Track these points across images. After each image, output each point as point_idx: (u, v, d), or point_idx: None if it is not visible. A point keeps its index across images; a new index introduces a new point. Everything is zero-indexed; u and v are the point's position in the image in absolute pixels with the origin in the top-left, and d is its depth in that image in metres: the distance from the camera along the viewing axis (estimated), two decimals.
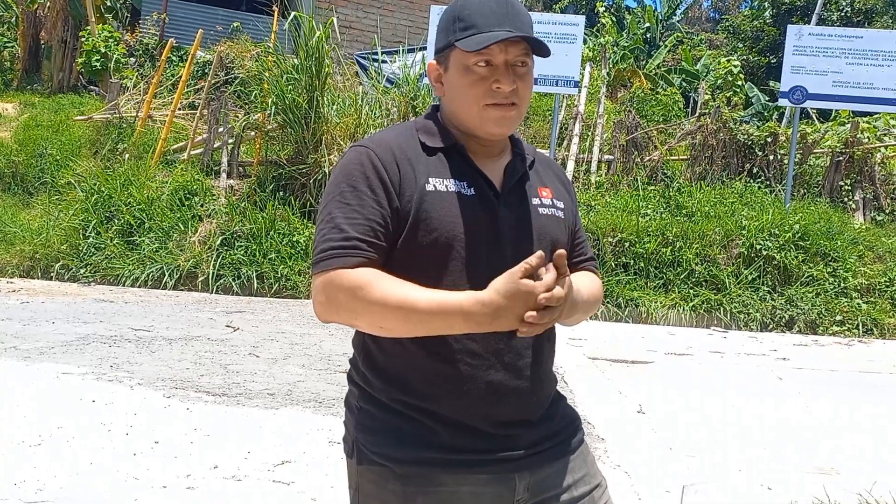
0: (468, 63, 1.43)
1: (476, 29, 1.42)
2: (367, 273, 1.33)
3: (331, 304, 1.34)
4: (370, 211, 1.38)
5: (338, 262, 1.34)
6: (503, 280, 1.25)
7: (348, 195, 1.39)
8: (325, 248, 1.36)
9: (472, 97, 1.44)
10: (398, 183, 1.41)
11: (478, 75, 1.43)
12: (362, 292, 1.31)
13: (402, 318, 1.30)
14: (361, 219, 1.37)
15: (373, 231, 1.37)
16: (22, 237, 9.33)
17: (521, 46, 1.44)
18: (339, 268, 1.33)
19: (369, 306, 1.31)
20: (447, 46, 1.46)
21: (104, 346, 5.62)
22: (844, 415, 5.01)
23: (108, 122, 11.38)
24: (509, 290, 1.24)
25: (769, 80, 23.02)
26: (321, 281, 1.35)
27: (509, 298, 1.24)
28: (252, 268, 8.73)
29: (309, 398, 4.58)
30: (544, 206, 1.54)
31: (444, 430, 1.41)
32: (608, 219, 9.14)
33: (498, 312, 1.25)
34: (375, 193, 1.39)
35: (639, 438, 4.29)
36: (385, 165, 1.41)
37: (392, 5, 16.54)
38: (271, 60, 10.53)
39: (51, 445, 3.59)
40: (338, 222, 1.37)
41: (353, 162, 1.43)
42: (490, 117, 1.44)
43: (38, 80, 15.77)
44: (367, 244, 1.36)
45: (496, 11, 1.43)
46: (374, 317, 1.32)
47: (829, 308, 8.29)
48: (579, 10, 29.22)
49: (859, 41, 10.06)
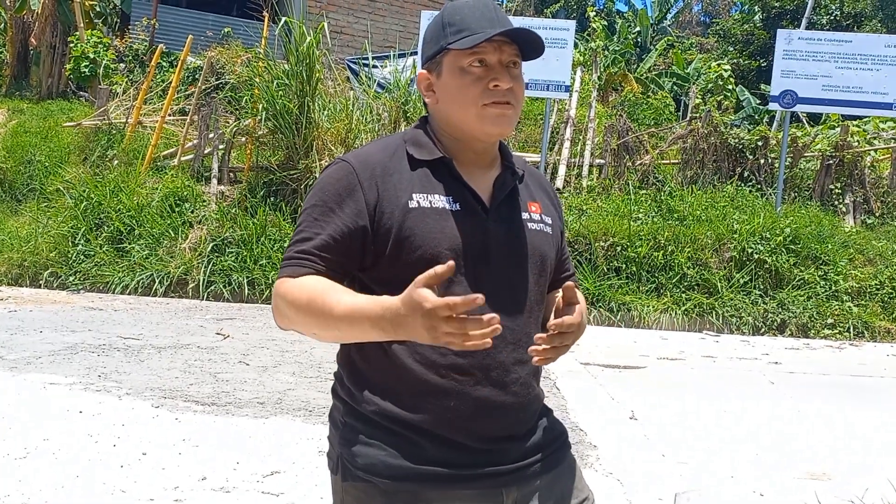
0: (463, 64, 1.43)
1: (469, 31, 1.42)
2: (305, 281, 1.35)
3: (275, 311, 1.40)
4: (332, 227, 1.39)
5: (286, 271, 1.38)
6: (408, 288, 1.18)
7: (317, 210, 1.42)
8: (284, 258, 1.41)
9: (470, 98, 1.43)
10: (374, 202, 1.40)
11: (474, 75, 1.43)
12: (293, 299, 1.34)
13: (323, 324, 1.31)
14: (323, 234, 1.39)
15: (326, 246, 1.38)
16: (10, 245, 9.26)
17: (513, 48, 1.45)
18: (286, 276, 1.38)
19: (298, 313, 1.34)
20: (439, 52, 1.46)
21: (92, 356, 5.57)
22: (836, 419, 5.00)
23: (97, 129, 11.31)
24: (405, 298, 1.18)
25: (760, 83, 23.12)
26: (274, 288, 1.40)
27: (406, 306, 1.18)
28: (243, 274, 8.69)
29: (299, 406, 4.54)
30: (533, 220, 1.53)
31: (430, 445, 1.40)
32: (600, 223, 9.14)
33: (397, 320, 1.19)
34: (343, 211, 1.40)
35: (631, 445, 4.27)
36: (362, 183, 1.41)
37: (383, 10, 16.53)
38: (262, 66, 10.49)
39: (36, 458, 3.55)
40: (302, 236, 1.41)
41: (332, 178, 1.44)
42: (489, 116, 1.43)
43: (26, 86, 15.68)
44: (316, 256, 1.38)
45: (487, 15, 1.44)
46: (302, 323, 1.35)
47: (820, 311, 8.30)
48: (570, 15, 29.30)
49: (849, 45, 10.10)
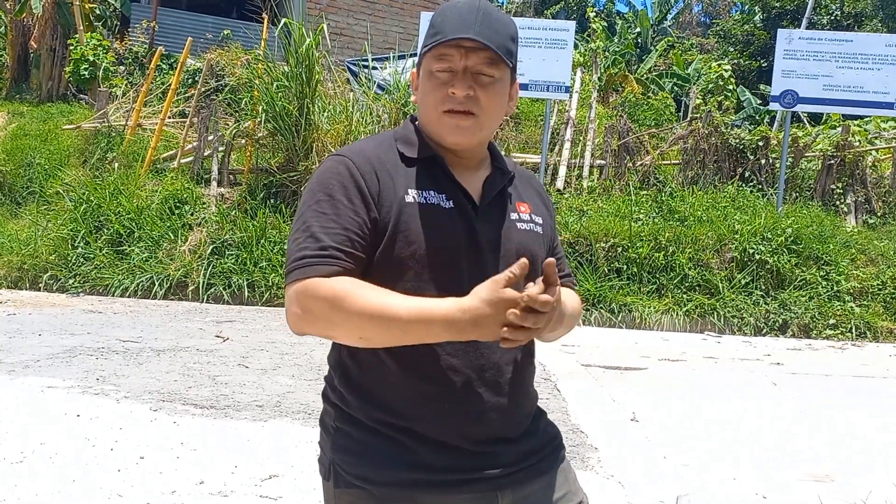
0: (432, 68, 1.41)
1: (441, 35, 1.39)
2: (345, 282, 1.28)
3: (306, 315, 1.29)
4: (347, 220, 1.34)
5: (312, 270, 1.29)
6: (486, 287, 1.21)
7: (325, 204, 1.35)
8: (300, 256, 1.31)
9: (432, 103, 1.41)
10: (377, 193, 1.37)
11: (438, 81, 1.40)
12: (340, 302, 1.25)
13: (384, 327, 1.25)
14: (338, 228, 1.33)
15: (349, 241, 1.33)
16: (10, 248, 9.25)
17: (484, 54, 1.39)
18: (315, 276, 1.28)
19: (348, 316, 1.25)
20: (422, 54, 1.45)
21: (91, 359, 5.55)
22: (839, 420, 4.97)
23: (96, 131, 11.31)
24: (492, 298, 1.20)
25: (760, 83, 23.09)
26: (295, 290, 1.29)
27: (492, 306, 1.20)
28: (243, 276, 8.67)
29: (298, 409, 4.51)
30: (522, 220, 1.51)
31: (423, 449, 1.37)
32: (600, 224, 9.11)
33: (479, 320, 1.21)
34: (353, 203, 1.35)
35: (632, 447, 4.24)
36: (363, 175, 1.38)
37: (383, 12, 16.53)
38: (261, 68, 10.47)
39: (33, 462, 3.52)
40: (313, 231, 1.33)
41: (331, 171, 1.40)
42: (445, 124, 1.41)
43: (27, 89, 15.69)
44: (343, 254, 1.31)
45: (465, 19, 1.39)
46: (352, 327, 1.27)
47: (822, 312, 8.27)
48: (570, 16, 29.30)
49: (849, 45, 10.08)
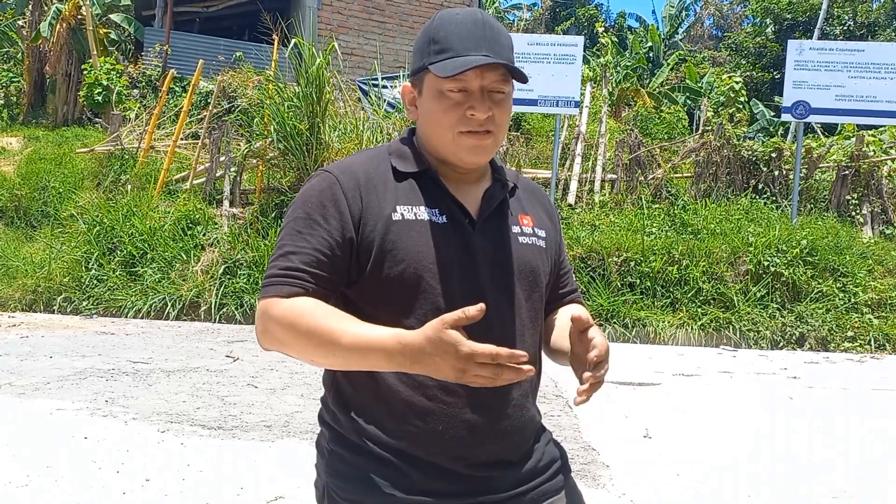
0: (442, 88, 1.35)
1: (452, 52, 1.34)
2: (300, 303, 1.28)
3: (264, 333, 1.31)
4: (318, 241, 1.33)
5: (274, 290, 1.30)
6: (432, 325, 1.14)
7: (301, 223, 1.36)
8: (268, 275, 1.33)
9: (447, 124, 1.36)
10: (359, 213, 1.35)
11: (452, 101, 1.35)
12: (289, 322, 1.26)
13: (328, 353, 1.24)
14: (308, 248, 1.33)
15: (316, 261, 1.32)
16: (24, 271, 9.32)
17: (498, 72, 1.35)
18: (275, 296, 1.30)
19: (296, 338, 1.26)
20: (421, 69, 1.39)
21: (101, 380, 5.55)
22: (857, 435, 4.86)
23: (110, 154, 11.42)
24: (432, 337, 1.13)
25: (773, 95, 22.98)
26: (259, 308, 1.32)
27: (431, 345, 1.13)
28: (255, 296, 8.66)
29: (306, 429, 4.48)
30: (524, 234, 1.46)
31: (416, 472, 1.33)
32: (613, 238, 9.05)
33: (418, 358, 1.15)
34: (328, 223, 1.34)
35: (645, 464, 4.16)
36: (346, 194, 1.35)
37: (393, 31, 16.63)
38: (272, 88, 10.54)
39: (39, 486, 3.50)
40: (285, 250, 1.34)
41: (314, 189, 1.38)
42: (464, 145, 1.37)
43: (43, 113, 15.91)
44: (307, 274, 1.31)
45: (473, 34, 1.35)
46: (301, 349, 1.27)
47: (839, 324, 8.15)
48: (581, 32, 29.36)
49: (861, 55, 10.01)
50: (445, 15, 1.40)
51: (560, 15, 35.68)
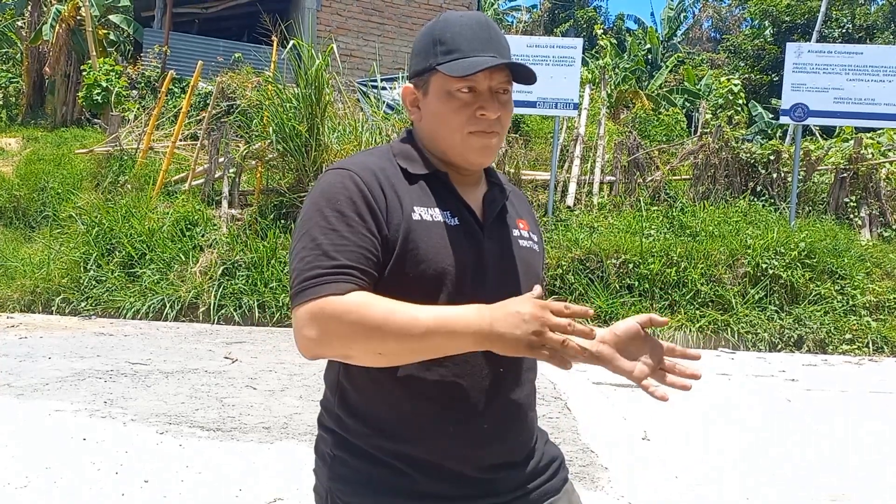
0: (451, 88, 1.35)
1: (460, 53, 1.34)
2: (362, 296, 1.22)
3: (323, 335, 1.21)
4: (360, 238, 1.27)
5: (328, 288, 1.22)
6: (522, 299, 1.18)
7: (334, 220, 1.28)
8: (313, 275, 1.23)
9: (456, 124, 1.36)
10: (384, 209, 1.31)
11: (461, 101, 1.35)
12: (359, 316, 1.19)
13: (405, 339, 1.19)
14: (352, 245, 1.26)
15: (365, 259, 1.27)
16: (23, 271, 9.31)
17: (504, 73, 1.37)
18: (331, 294, 1.21)
19: (367, 331, 1.19)
20: (427, 70, 1.38)
21: (99, 382, 5.55)
22: (855, 438, 4.87)
23: (109, 155, 11.42)
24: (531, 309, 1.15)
25: (772, 98, 23.01)
26: (308, 310, 1.21)
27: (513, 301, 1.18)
28: (253, 297, 8.67)
29: (305, 431, 4.48)
30: (523, 237, 1.48)
31: (422, 475, 1.32)
32: (611, 240, 9.06)
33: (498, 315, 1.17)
34: (364, 219, 1.29)
35: (644, 467, 4.17)
36: (371, 190, 1.32)
37: (392, 32, 16.64)
38: (272, 90, 10.54)
39: (37, 487, 3.50)
40: (325, 249, 1.26)
41: (336, 185, 1.32)
42: (473, 146, 1.37)
43: (42, 114, 15.91)
44: (359, 272, 1.25)
45: (480, 36, 1.36)
46: (373, 341, 1.19)
47: (838, 326, 8.16)
48: (579, 34, 29.38)
49: (859, 57, 10.02)
50: (450, 17, 1.40)
51: (559, 17, 35.75)
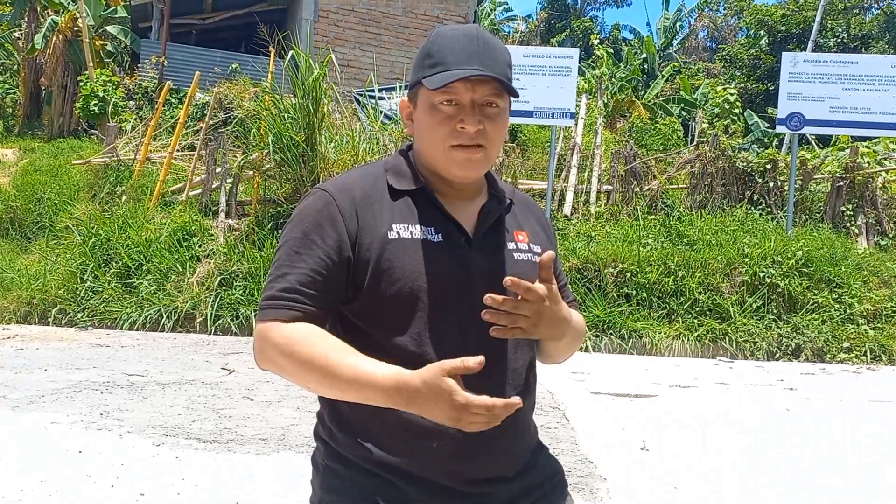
0: (434, 101, 1.36)
1: (443, 66, 1.35)
2: (299, 329, 1.29)
3: (262, 355, 1.33)
4: (315, 261, 1.34)
5: (272, 313, 1.31)
6: (430, 369, 1.18)
7: (298, 242, 1.36)
8: (266, 296, 1.34)
9: (438, 137, 1.37)
10: (355, 232, 1.35)
11: (443, 114, 1.36)
12: (289, 350, 1.28)
13: (326, 384, 1.27)
14: (306, 268, 1.33)
15: (314, 282, 1.33)
16: (19, 282, 9.28)
17: (491, 86, 1.36)
18: (273, 320, 1.31)
19: (294, 365, 1.29)
20: (416, 83, 1.40)
21: (95, 393, 5.52)
22: (854, 446, 4.86)
23: (106, 166, 11.40)
24: (429, 382, 1.18)
25: (768, 107, 23.09)
26: (258, 330, 1.33)
27: (428, 390, 1.18)
28: (250, 308, 8.64)
29: (302, 442, 4.46)
30: (520, 250, 1.46)
31: (412, 489, 1.32)
32: (609, 249, 9.06)
33: (414, 399, 1.19)
34: (325, 242, 1.35)
35: (642, 478, 4.15)
36: (343, 213, 1.36)
37: (389, 43, 16.67)
38: (269, 100, 10.55)
39: (33, 500, 3.48)
40: (283, 271, 1.35)
41: (311, 208, 1.39)
42: (454, 159, 1.37)
43: (38, 125, 15.91)
44: (306, 296, 1.32)
45: (466, 48, 1.35)
46: (298, 376, 1.30)
47: (835, 335, 8.16)
48: (576, 44, 29.49)
49: (855, 66, 10.07)
50: (442, 31, 1.42)
51: (555, 27, 35.90)
